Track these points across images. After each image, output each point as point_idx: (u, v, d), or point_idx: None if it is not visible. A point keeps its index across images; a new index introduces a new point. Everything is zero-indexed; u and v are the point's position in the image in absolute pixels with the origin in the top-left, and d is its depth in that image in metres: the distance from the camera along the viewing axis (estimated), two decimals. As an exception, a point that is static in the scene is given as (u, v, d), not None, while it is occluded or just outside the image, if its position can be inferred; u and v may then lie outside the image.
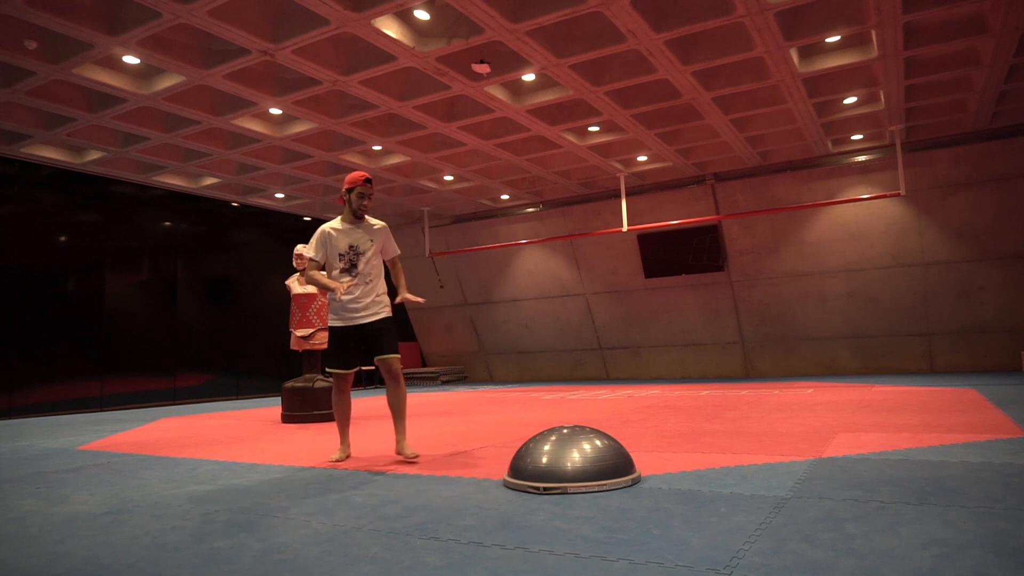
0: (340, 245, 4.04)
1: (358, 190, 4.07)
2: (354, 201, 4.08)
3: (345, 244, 4.04)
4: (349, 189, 4.09)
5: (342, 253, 4.04)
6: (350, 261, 4.03)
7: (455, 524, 2.49)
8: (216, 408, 9.61)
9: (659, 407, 6.97)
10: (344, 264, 4.03)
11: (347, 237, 4.06)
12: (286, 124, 8.91)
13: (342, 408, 4.18)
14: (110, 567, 2.12)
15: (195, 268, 11.80)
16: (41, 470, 4.18)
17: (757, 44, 6.79)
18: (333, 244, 4.05)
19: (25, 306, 9.40)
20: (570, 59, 6.96)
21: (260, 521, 2.65)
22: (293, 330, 7.06)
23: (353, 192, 4.08)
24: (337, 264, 4.04)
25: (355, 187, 4.08)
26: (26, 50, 6.36)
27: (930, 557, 1.93)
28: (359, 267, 4.03)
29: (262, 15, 6.22)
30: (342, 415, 4.19)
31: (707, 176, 11.63)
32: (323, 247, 4.07)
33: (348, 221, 4.11)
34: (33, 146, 9.07)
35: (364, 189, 4.07)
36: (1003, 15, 6.37)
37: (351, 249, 4.04)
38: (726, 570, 1.88)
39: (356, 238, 4.07)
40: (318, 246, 4.07)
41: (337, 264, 4.04)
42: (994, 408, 5.57)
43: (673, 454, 3.92)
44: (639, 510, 2.60)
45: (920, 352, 11.04)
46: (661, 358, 13.23)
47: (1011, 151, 9.80)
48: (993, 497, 2.60)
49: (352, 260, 4.03)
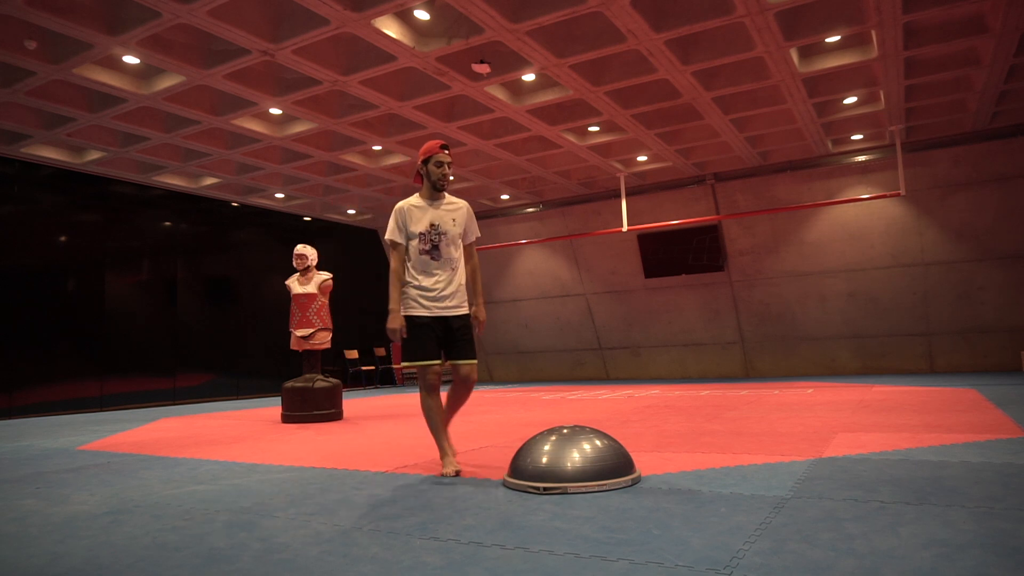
0: (421, 223, 3.56)
1: (436, 158, 3.59)
2: (433, 172, 3.59)
3: (426, 222, 3.56)
4: (426, 159, 3.62)
5: (423, 232, 3.54)
6: (431, 242, 3.55)
7: (455, 524, 2.49)
8: (216, 408, 9.61)
9: (659, 407, 6.97)
10: (425, 245, 3.55)
11: (428, 214, 3.58)
12: (286, 124, 8.92)
13: (436, 410, 3.62)
14: (110, 567, 2.12)
15: (195, 268, 11.80)
16: (41, 470, 4.18)
17: (757, 44, 6.79)
18: (412, 222, 3.56)
19: (25, 306, 9.40)
20: (570, 59, 6.96)
21: (260, 521, 2.65)
22: (293, 330, 7.06)
23: (431, 162, 3.60)
24: (416, 246, 3.56)
25: (432, 156, 3.60)
26: (26, 50, 6.37)
27: (930, 557, 1.93)
28: (441, 249, 3.56)
29: (262, 15, 6.23)
30: (437, 419, 3.61)
31: (707, 176, 11.63)
32: (404, 226, 3.56)
33: (427, 197, 3.63)
34: (33, 146, 9.08)
35: (443, 156, 3.59)
36: (1003, 15, 6.37)
37: (433, 228, 3.56)
38: (726, 570, 1.88)
39: (438, 216, 3.59)
40: (398, 225, 3.57)
41: (416, 246, 3.56)
42: (994, 408, 5.57)
43: (673, 454, 3.91)
44: (639, 510, 2.60)
45: (920, 352, 11.04)
46: (661, 358, 13.23)
47: (1011, 151, 9.80)
48: (993, 497, 2.60)
49: (434, 241, 3.55)
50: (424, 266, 3.55)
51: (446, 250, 3.57)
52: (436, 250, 3.55)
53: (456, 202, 3.69)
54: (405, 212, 3.57)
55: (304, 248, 7.20)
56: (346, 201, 12.85)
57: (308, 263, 7.14)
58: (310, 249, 7.24)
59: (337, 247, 14.29)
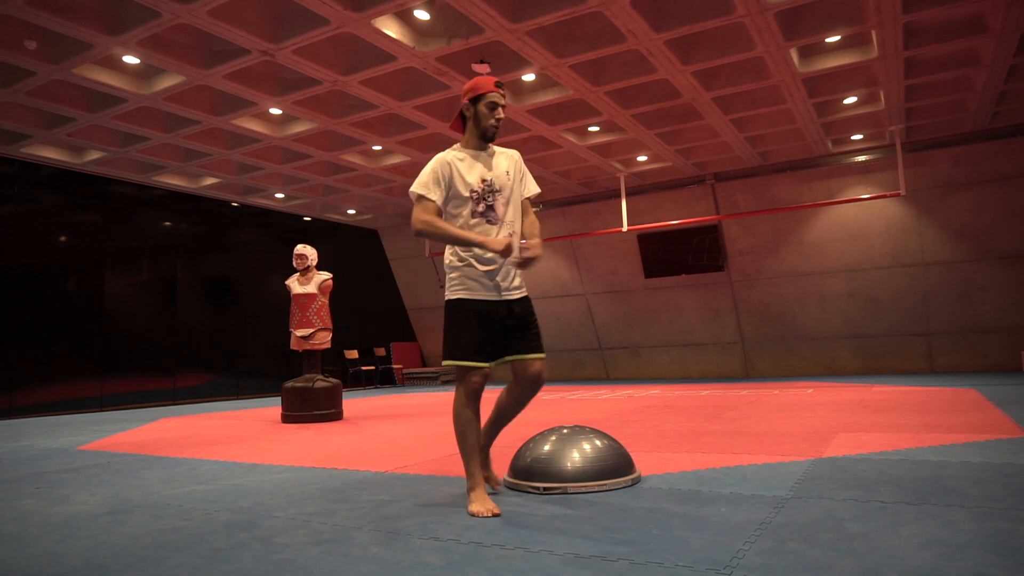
0: (470, 179, 2.74)
1: (489, 98, 2.76)
2: (483, 116, 2.77)
3: (476, 177, 2.75)
4: (475, 99, 2.78)
5: (474, 190, 2.73)
6: (485, 202, 2.74)
7: (455, 524, 2.49)
8: (216, 408, 9.61)
9: (659, 407, 6.97)
10: (478, 206, 2.73)
11: (477, 168, 2.77)
12: (286, 124, 8.92)
13: (473, 426, 2.76)
14: (110, 567, 2.12)
15: (195, 268, 11.80)
16: (41, 470, 4.18)
17: (757, 44, 6.79)
18: (459, 177, 2.74)
19: (25, 306, 9.40)
20: (570, 59, 6.96)
21: (260, 521, 2.65)
22: (293, 330, 7.06)
23: (481, 102, 2.77)
24: (465, 207, 2.73)
25: (484, 94, 2.76)
26: (26, 50, 6.37)
27: (930, 557, 1.93)
28: (498, 209, 2.76)
29: (262, 15, 6.23)
30: (472, 438, 2.76)
31: (707, 176, 11.63)
32: (443, 181, 2.73)
33: (473, 147, 2.82)
34: (33, 146, 9.08)
35: (497, 96, 2.77)
36: (1003, 15, 6.37)
37: (485, 185, 2.75)
38: (726, 570, 1.88)
39: (489, 170, 2.79)
40: (435, 180, 2.73)
41: (465, 207, 2.73)
42: (994, 408, 5.57)
43: (673, 454, 3.91)
44: (639, 510, 2.60)
45: (920, 352, 11.04)
46: (661, 358, 13.23)
47: (1011, 151, 9.80)
48: (993, 497, 2.60)
49: (488, 201, 2.74)
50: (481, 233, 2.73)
51: (503, 210, 2.78)
52: (492, 211, 2.75)
53: (506, 151, 2.91)
54: (450, 164, 2.74)
55: (304, 248, 7.21)
56: (346, 201, 12.85)
57: (308, 263, 7.14)
58: (310, 249, 7.24)
59: (337, 247, 14.29)
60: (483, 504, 2.62)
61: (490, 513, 2.58)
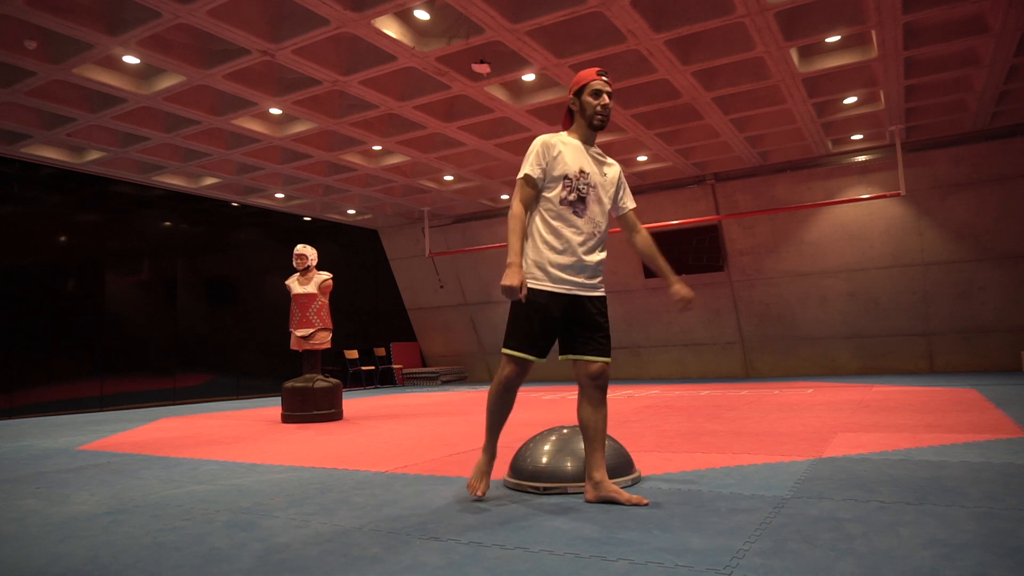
0: (570, 163, 2.75)
1: (592, 86, 2.77)
2: (588, 104, 2.78)
3: (576, 166, 2.75)
4: (579, 90, 2.80)
5: (570, 176, 2.73)
6: (578, 192, 2.73)
7: (455, 524, 2.49)
8: (216, 408, 9.61)
9: (659, 407, 6.97)
10: (570, 194, 2.72)
11: (580, 157, 2.79)
12: (286, 124, 8.91)
13: (504, 409, 2.90)
14: (110, 567, 2.12)
15: (195, 268, 11.79)
16: (41, 470, 4.18)
17: (757, 44, 6.79)
18: (561, 159, 2.74)
19: (25, 306, 9.40)
20: (570, 59, 6.96)
21: (260, 521, 2.65)
22: (293, 330, 7.06)
23: (585, 91, 2.78)
24: (557, 189, 2.73)
25: (587, 83, 2.78)
26: (26, 50, 6.36)
27: (930, 557, 1.93)
28: (589, 204, 2.76)
29: (262, 15, 6.23)
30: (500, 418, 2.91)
31: (707, 176, 11.63)
32: (547, 162, 2.74)
33: (581, 138, 2.84)
34: (33, 146, 9.08)
35: (600, 84, 2.78)
36: (1003, 15, 6.37)
37: (583, 175, 2.75)
38: (726, 570, 1.88)
39: (588, 163, 2.80)
40: (537, 159, 2.74)
41: (557, 189, 2.73)
42: (994, 408, 5.57)
43: (673, 454, 3.91)
44: (639, 510, 2.60)
45: (920, 352, 11.04)
46: (661, 358, 13.23)
47: (1011, 151, 9.80)
48: (993, 497, 2.60)
49: (581, 192, 2.74)
50: (564, 220, 2.72)
51: (594, 207, 2.77)
52: (582, 203, 2.74)
53: (606, 157, 2.93)
54: (552, 146, 2.75)
55: (304, 248, 7.21)
56: (346, 201, 12.85)
57: (308, 263, 7.15)
58: (310, 249, 7.25)
59: (337, 247, 14.30)
60: (475, 480, 2.86)
61: (472, 492, 2.82)
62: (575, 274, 2.75)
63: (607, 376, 2.81)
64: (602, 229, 2.84)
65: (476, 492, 2.83)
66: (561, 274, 2.73)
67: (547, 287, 2.71)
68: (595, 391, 2.80)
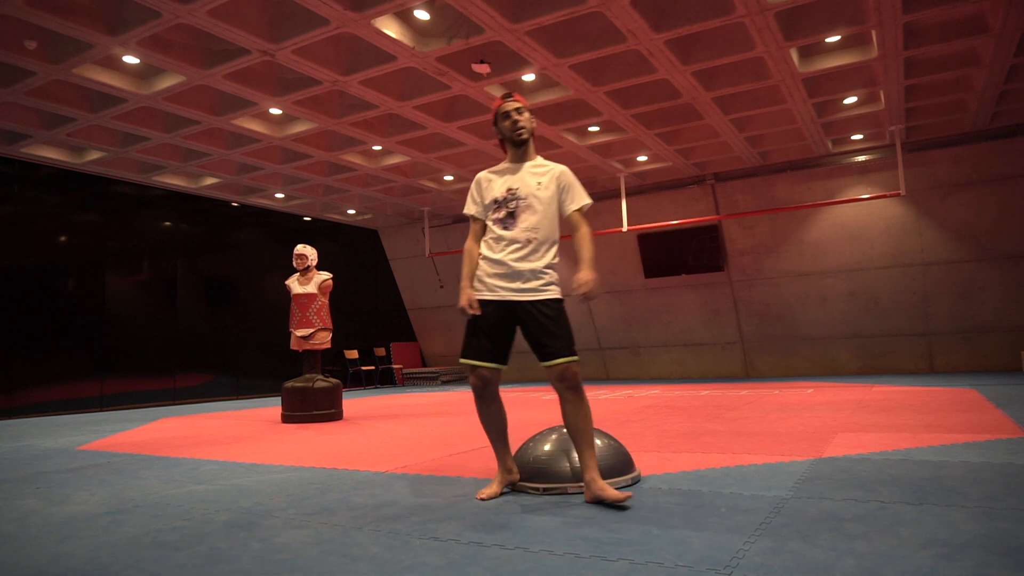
0: (496, 190, 3.01)
1: (500, 111, 3.04)
2: (504, 129, 3.04)
3: (502, 188, 3.00)
4: (494, 121, 3.10)
5: (498, 199, 2.99)
6: (507, 209, 2.97)
7: (455, 524, 2.49)
8: (216, 408, 9.61)
9: (659, 407, 6.97)
10: (499, 213, 2.99)
11: (505, 178, 3.03)
12: (286, 124, 8.91)
13: (490, 419, 3.04)
14: (110, 567, 2.12)
15: (195, 268, 11.79)
16: (41, 470, 4.18)
17: (757, 44, 6.79)
18: (490, 189, 3.03)
19: (25, 306, 9.40)
20: (570, 59, 6.96)
21: (260, 521, 2.65)
22: (293, 330, 7.06)
23: (498, 119, 3.07)
24: (492, 216, 3.01)
25: (497, 111, 3.06)
26: (26, 50, 6.36)
27: (930, 557, 1.93)
28: (518, 217, 2.95)
29: (262, 15, 6.23)
30: (492, 431, 3.06)
31: (707, 176, 11.63)
32: (479, 196, 3.07)
33: (510, 161, 3.09)
34: (33, 146, 9.08)
35: (507, 106, 3.02)
36: (1003, 15, 6.37)
37: (509, 193, 2.98)
38: (726, 570, 1.88)
39: (518, 179, 3.01)
40: (471, 197, 3.10)
41: (492, 216, 3.01)
42: (994, 408, 5.57)
43: (673, 454, 3.91)
44: (639, 510, 2.60)
45: (920, 352, 11.04)
46: (661, 358, 13.23)
47: (1011, 151, 9.80)
48: (993, 497, 2.60)
49: (510, 208, 2.97)
50: (496, 236, 2.99)
51: (528, 217, 2.95)
52: (512, 218, 2.96)
53: (546, 164, 3.07)
54: (481, 180, 3.07)
55: (304, 248, 7.21)
56: (346, 201, 12.85)
57: (308, 263, 7.15)
58: (310, 249, 7.25)
59: (337, 247, 14.30)
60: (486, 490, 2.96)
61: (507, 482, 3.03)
62: (509, 281, 2.95)
63: (572, 374, 2.88)
64: (540, 236, 2.98)
65: (479, 495, 2.94)
66: (495, 282, 2.97)
67: (485, 296, 2.98)
68: (565, 391, 2.91)
